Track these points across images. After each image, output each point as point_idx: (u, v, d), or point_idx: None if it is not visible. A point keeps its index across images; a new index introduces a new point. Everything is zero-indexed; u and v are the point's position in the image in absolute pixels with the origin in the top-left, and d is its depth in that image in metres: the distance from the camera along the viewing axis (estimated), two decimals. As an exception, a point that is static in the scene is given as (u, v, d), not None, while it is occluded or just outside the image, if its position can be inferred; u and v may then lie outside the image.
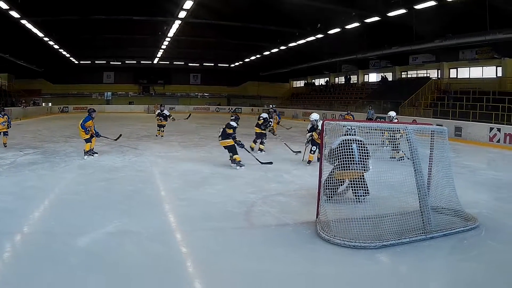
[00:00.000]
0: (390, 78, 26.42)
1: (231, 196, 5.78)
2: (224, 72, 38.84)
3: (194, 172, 7.56)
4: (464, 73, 21.26)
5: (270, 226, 4.55)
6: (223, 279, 3.24)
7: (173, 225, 4.69)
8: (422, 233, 4.10)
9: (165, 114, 13.44)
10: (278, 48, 27.18)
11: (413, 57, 23.70)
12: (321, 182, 4.50)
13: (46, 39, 23.09)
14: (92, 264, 3.41)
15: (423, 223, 4.19)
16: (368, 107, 19.86)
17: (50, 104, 32.68)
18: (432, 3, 14.91)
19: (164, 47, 27.98)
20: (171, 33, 23.03)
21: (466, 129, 14.39)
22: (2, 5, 15.39)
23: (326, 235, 4.02)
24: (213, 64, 36.85)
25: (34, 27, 19.96)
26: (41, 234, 4.17)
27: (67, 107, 32.90)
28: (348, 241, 3.85)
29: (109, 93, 37.23)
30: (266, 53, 29.21)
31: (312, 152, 8.19)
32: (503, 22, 14.94)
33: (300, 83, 39.43)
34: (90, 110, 8.86)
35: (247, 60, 33.48)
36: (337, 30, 20.23)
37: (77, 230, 4.18)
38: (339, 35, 20.84)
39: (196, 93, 40.22)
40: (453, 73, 22.03)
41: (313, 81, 36.96)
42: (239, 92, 41.01)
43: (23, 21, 18.36)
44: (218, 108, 37.83)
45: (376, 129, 5.94)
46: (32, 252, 3.64)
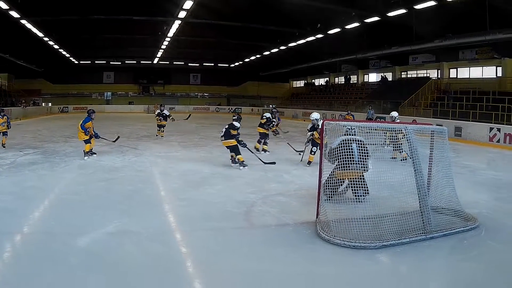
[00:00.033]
0: (390, 78, 26.42)
1: (231, 196, 5.78)
2: (224, 72, 38.86)
3: (194, 172, 7.56)
4: (464, 73, 21.26)
5: (270, 226, 4.55)
6: (223, 279, 3.24)
7: (173, 225, 4.69)
8: (422, 233, 4.10)
9: (165, 114, 13.37)
10: (278, 48, 27.18)
11: (413, 57, 23.70)
12: (321, 182, 4.50)
13: (46, 39, 23.09)
14: (92, 264, 3.41)
15: (423, 223, 4.19)
16: (368, 107, 19.86)
17: (50, 104, 32.68)
18: (432, 3, 14.91)
19: (164, 47, 27.98)
20: (171, 33, 23.03)
21: (466, 129, 14.39)
22: (2, 5, 15.39)
23: (326, 235, 4.02)
24: (213, 64, 36.86)
25: (34, 27, 19.96)
26: (41, 234, 4.17)
27: (67, 107, 32.92)
28: (348, 241, 3.85)
29: (109, 93, 37.25)
30: (266, 53, 29.21)
31: (313, 153, 8.12)
32: (503, 22, 14.95)
33: (300, 83, 39.44)
34: (90, 111, 8.91)
35: (247, 60, 33.48)
36: (337, 30, 20.24)
37: (77, 230, 4.19)
38: (339, 35, 20.85)
39: (196, 93, 40.22)
40: (453, 73, 22.03)
41: (313, 81, 36.96)
42: (239, 92, 41.01)
43: (23, 21, 18.37)
44: (218, 108, 37.85)
45: (376, 129, 5.94)
46: (32, 252, 3.64)
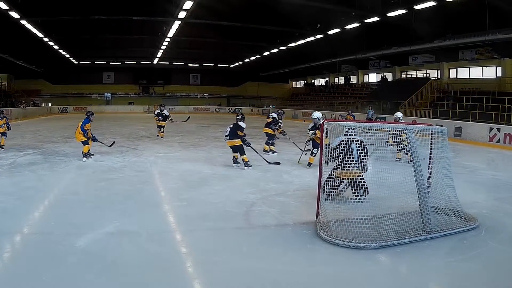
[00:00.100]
0: (390, 78, 26.45)
1: (231, 197, 5.77)
2: (224, 73, 38.88)
3: (194, 172, 7.55)
4: (464, 73, 21.29)
5: (270, 227, 4.54)
6: (222, 279, 3.23)
7: (173, 225, 4.69)
8: (422, 234, 4.09)
9: (165, 114, 13.31)
10: (278, 49, 27.20)
11: (413, 57, 23.72)
12: (321, 182, 4.49)
13: (46, 39, 23.11)
14: (91, 264, 3.41)
15: (423, 224, 4.18)
16: (368, 107, 19.87)
17: (50, 105, 32.69)
18: (432, 3, 14.93)
19: (164, 48, 27.99)
20: (171, 34, 23.04)
21: (466, 129, 14.39)
22: (2, 5, 15.40)
23: (326, 236, 4.01)
24: (213, 65, 36.88)
25: (34, 27, 19.97)
26: (41, 235, 4.17)
27: (67, 108, 32.93)
28: (348, 242, 3.84)
29: (109, 94, 37.25)
30: (266, 54, 29.24)
31: (313, 155, 8.00)
32: (503, 22, 14.96)
33: (300, 84, 39.45)
34: (88, 113, 8.94)
35: (247, 61, 33.50)
36: (337, 31, 20.26)
37: (77, 230, 4.18)
38: (339, 35, 20.87)
39: (196, 94, 40.22)
40: (453, 73, 22.05)
41: (313, 82, 36.98)
42: (239, 93, 41.01)
43: (23, 21, 18.38)
44: (218, 109, 37.85)
45: (377, 129, 5.93)
46: (32, 252, 3.64)
